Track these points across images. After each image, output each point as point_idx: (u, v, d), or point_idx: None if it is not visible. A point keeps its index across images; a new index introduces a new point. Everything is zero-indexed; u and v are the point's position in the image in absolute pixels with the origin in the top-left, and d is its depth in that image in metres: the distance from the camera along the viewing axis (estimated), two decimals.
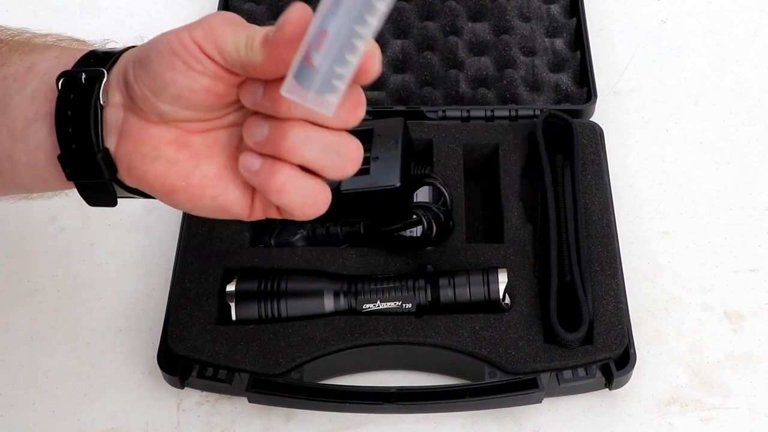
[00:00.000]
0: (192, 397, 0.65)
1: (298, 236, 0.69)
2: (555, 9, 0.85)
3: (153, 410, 0.65)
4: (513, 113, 0.76)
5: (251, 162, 0.48)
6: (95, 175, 0.51)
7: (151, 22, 0.90)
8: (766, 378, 0.66)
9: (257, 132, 0.48)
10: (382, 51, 0.82)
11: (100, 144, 0.50)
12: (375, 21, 0.44)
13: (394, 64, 0.82)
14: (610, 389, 0.63)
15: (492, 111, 0.76)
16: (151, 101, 0.49)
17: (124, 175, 0.51)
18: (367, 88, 0.86)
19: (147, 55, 0.48)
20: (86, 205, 0.54)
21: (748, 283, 0.70)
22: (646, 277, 0.71)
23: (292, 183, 0.48)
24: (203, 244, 0.68)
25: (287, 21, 0.44)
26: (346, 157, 0.49)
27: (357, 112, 0.48)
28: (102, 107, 0.50)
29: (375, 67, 0.46)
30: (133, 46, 0.53)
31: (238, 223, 0.68)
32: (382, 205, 0.66)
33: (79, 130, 0.50)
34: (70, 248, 0.73)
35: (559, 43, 0.83)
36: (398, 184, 0.64)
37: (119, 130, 0.50)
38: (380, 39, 0.83)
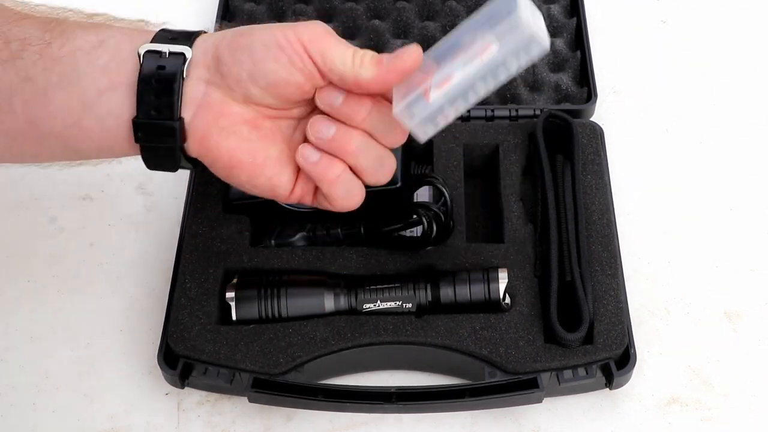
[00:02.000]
0: (192, 397, 0.65)
1: (298, 236, 0.69)
2: (555, 9, 0.85)
3: (153, 410, 0.65)
4: (513, 113, 0.76)
5: (311, 154, 0.56)
6: (167, 140, 0.55)
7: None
8: (766, 378, 0.66)
9: (324, 130, 0.55)
10: (382, 51, 0.82)
11: (178, 113, 0.54)
12: (493, 83, 0.52)
13: None
14: (610, 389, 0.63)
15: (492, 111, 0.76)
16: (245, 83, 0.54)
17: (193, 144, 0.56)
18: None
19: (250, 43, 0.54)
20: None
21: (748, 283, 0.71)
22: (646, 277, 0.71)
23: (344, 177, 0.56)
24: (203, 244, 0.68)
25: (408, 55, 0.53)
26: (387, 168, 0.58)
27: (403, 139, 0.57)
28: (183, 79, 0.54)
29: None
30: (203, 31, 0.58)
31: (238, 224, 0.68)
32: (382, 205, 0.66)
33: (161, 98, 0.54)
34: (70, 248, 0.73)
35: (559, 43, 0.83)
36: (399, 184, 0.64)
37: (198, 102, 0.55)
38: (380, 39, 0.83)
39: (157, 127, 0.54)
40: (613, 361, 0.62)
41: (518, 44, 0.50)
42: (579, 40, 0.82)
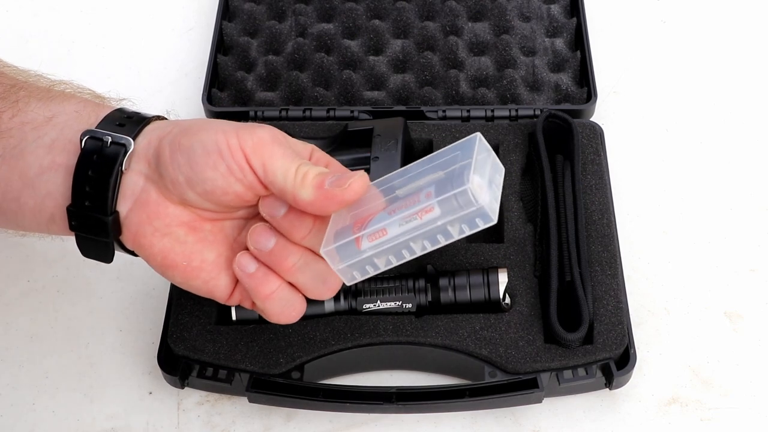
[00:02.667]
0: (192, 397, 0.65)
1: None
2: (555, 9, 0.85)
3: (153, 410, 0.65)
4: (513, 113, 0.76)
5: (247, 264, 0.53)
6: (99, 233, 0.53)
7: (150, 22, 0.90)
8: (766, 378, 0.66)
9: (263, 242, 0.52)
10: (383, 51, 0.83)
11: (113, 207, 0.52)
12: (429, 246, 0.50)
13: (394, 64, 0.82)
14: (610, 389, 0.63)
15: (492, 111, 0.76)
16: (182, 187, 0.51)
17: (128, 239, 0.53)
18: (367, 88, 0.86)
19: (191, 144, 0.51)
20: (77, 245, 0.55)
21: (748, 283, 0.70)
22: (646, 277, 0.71)
23: (279, 293, 0.54)
24: None
25: (352, 188, 0.49)
26: (329, 286, 0.55)
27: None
28: (122, 172, 0.52)
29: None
30: (159, 117, 0.55)
31: None
32: None
33: (96, 190, 0.52)
34: (70, 248, 0.73)
35: (559, 43, 0.83)
36: None
37: (135, 197, 0.52)
38: (380, 39, 0.83)
39: (90, 219, 0.52)
40: (613, 361, 0.62)
41: (461, 217, 0.48)
42: (579, 40, 0.82)
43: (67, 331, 0.69)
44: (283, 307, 0.55)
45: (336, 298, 0.64)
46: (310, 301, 0.64)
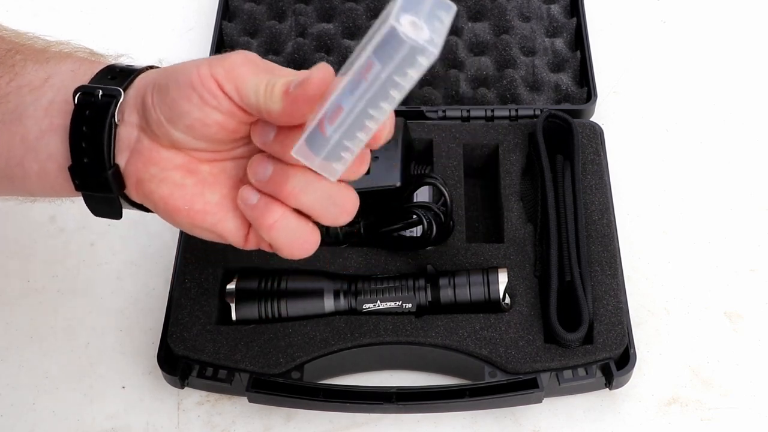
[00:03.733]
0: (192, 397, 0.65)
1: None
2: (555, 9, 0.85)
3: (153, 410, 0.65)
4: (513, 113, 0.76)
5: (249, 196, 0.51)
6: (104, 189, 0.52)
7: (151, 22, 0.90)
8: (766, 378, 0.66)
9: (261, 171, 0.50)
10: None
11: (112, 161, 0.52)
12: (388, 107, 0.46)
13: None
14: (610, 389, 0.63)
15: (492, 111, 0.76)
16: (165, 127, 0.50)
17: (131, 191, 0.53)
18: None
19: (166, 83, 0.50)
20: (86, 205, 0.55)
21: (748, 283, 0.70)
22: (646, 277, 0.71)
23: (284, 223, 0.51)
24: (203, 244, 0.67)
25: (309, 79, 0.46)
26: (341, 208, 0.51)
27: (360, 169, 0.51)
28: (116, 125, 0.51)
29: (384, 136, 0.49)
30: (151, 66, 0.54)
31: None
32: (382, 205, 0.66)
33: (92, 145, 0.51)
34: (70, 248, 0.73)
35: (559, 43, 0.83)
36: (398, 184, 0.64)
37: (131, 148, 0.52)
38: None
39: (91, 176, 0.52)
40: (612, 361, 0.62)
41: (402, 61, 0.43)
42: (579, 40, 0.82)
43: (67, 331, 0.69)
44: (291, 238, 0.52)
45: (336, 297, 0.64)
46: (310, 301, 0.64)
